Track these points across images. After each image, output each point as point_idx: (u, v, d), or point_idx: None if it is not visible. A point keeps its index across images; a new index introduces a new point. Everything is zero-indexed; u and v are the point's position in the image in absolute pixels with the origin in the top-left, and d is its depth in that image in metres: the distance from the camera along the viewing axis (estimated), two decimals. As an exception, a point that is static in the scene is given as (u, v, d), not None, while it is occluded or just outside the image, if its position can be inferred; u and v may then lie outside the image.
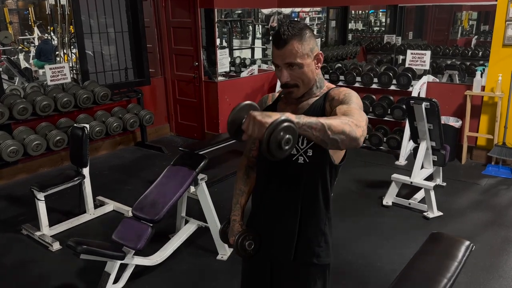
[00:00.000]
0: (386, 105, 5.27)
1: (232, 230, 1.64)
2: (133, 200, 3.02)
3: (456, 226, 3.52)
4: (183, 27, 5.67)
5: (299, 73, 1.42)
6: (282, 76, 1.42)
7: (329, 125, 1.18)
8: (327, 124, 1.18)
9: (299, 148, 1.46)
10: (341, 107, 1.35)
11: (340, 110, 1.33)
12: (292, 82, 1.43)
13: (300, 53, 1.39)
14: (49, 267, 3.04)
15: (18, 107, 4.20)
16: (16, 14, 12.17)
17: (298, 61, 1.39)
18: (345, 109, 1.32)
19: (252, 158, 1.69)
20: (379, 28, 9.52)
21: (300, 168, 1.47)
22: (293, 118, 1.16)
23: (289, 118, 1.15)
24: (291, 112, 1.49)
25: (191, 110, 5.94)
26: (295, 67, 1.41)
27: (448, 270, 2.06)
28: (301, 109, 1.49)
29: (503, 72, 4.53)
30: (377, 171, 4.60)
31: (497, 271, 2.91)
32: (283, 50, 1.39)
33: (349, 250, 3.14)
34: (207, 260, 3.08)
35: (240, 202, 1.67)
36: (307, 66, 1.42)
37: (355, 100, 1.39)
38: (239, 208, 1.66)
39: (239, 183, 1.70)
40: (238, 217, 1.64)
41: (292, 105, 1.52)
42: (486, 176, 4.51)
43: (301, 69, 1.41)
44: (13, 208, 3.92)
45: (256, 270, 1.67)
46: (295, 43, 1.38)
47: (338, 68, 5.79)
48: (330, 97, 1.46)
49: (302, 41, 1.39)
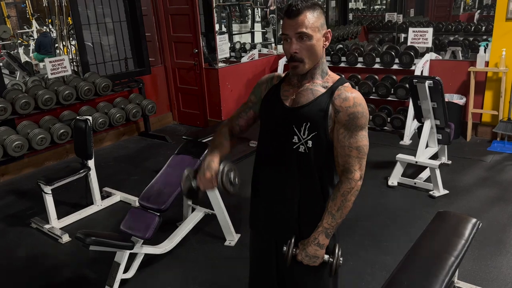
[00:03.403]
0: (389, 85, 5.22)
1: (208, 167, 1.47)
2: (139, 190, 3.04)
3: (463, 203, 3.52)
4: (181, 14, 5.61)
5: (308, 45, 1.41)
6: (291, 47, 1.41)
7: (344, 214, 1.46)
8: (343, 215, 1.46)
9: (300, 137, 1.46)
10: (341, 148, 1.44)
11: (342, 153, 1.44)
12: (300, 56, 1.42)
13: (312, 24, 1.39)
14: (59, 259, 3.08)
15: (20, 102, 4.20)
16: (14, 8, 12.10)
17: (309, 32, 1.39)
18: (345, 157, 1.44)
19: (237, 126, 1.67)
20: (380, 7, 9.41)
21: (302, 156, 1.48)
22: (327, 242, 1.48)
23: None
24: (294, 95, 1.50)
25: (193, 98, 5.92)
26: (305, 39, 1.40)
27: (455, 248, 2.07)
28: (305, 96, 1.47)
29: (507, 46, 4.46)
30: (382, 152, 4.59)
31: (505, 247, 2.91)
32: (296, 19, 1.39)
33: (355, 231, 3.16)
34: (215, 247, 3.11)
35: (220, 150, 1.57)
36: (317, 40, 1.42)
37: (359, 123, 1.42)
38: (217, 153, 1.55)
39: (220, 136, 1.64)
40: (216, 159, 1.52)
41: (295, 88, 1.52)
42: (492, 153, 4.49)
43: (311, 42, 1.40)
44: (21, 202, 3.96)
45: (263, 251, 1.69)
46: (308, 14, 1.39)
47: (339, 49, 5.73)
48: (336, 106, 1.43)
49: (314, 13, 1.40)
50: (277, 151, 1.52)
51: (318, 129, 1.45)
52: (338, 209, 1.45)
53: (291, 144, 1.47)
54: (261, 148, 1.61)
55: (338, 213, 1.45)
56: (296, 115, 1.46)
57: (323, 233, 1.47)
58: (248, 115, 1.67)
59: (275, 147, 1.53)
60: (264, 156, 1.59)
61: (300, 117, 1.45)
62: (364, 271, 2.74)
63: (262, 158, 1.60)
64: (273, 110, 1.54)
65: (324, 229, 1.47)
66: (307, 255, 1.48)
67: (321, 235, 1.47)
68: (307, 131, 1.45)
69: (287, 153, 1.49)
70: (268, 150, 1.56)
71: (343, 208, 1.45)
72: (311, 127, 1.44)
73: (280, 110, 1.51)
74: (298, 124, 1.46)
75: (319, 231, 1.47)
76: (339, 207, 1.45)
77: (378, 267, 2.77)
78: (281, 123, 1.50)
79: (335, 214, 1.45)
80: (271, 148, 1.55)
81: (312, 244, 1.48)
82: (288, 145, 1.48)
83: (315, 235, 1.48)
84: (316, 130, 1.45)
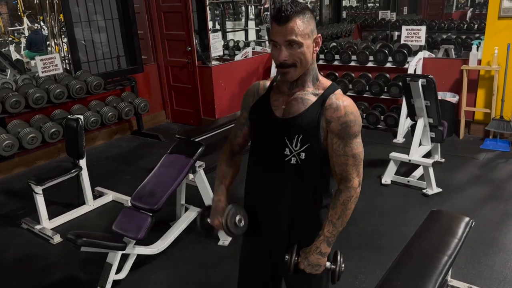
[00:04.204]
0: (383, 83, 5.23)
1: (215, 211, 1.54)
2: (132, 189, 3.01)
3: (456, 201, 3.53)
4: (174, 11, 5.57)
5: (298, 53, 1.37)
6: (281, 55, 1.37)
7: (345, 222, 1.47)
8: (344, 223, 1.46)
9: (292, 149, 1.44)
10: (337, 157, 1.44)
11: (337, 162, 1.44)
12: (290, 62, 1.38)
13: (302, 31, 1.35)
14: (51, 260, 3.05)
15: (10, 101, 4.15)
16: (5, 5, 11.95)
17: (299, 39, 1.35)
18: (341, 166, 1.44)
19: (237, 145, 1.67)
20: (373, 5, 9.42)
21: (294, 168, 1.46)
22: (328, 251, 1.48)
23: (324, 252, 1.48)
24: (284, 105, 1.47)
25: (186, 96, 5.89)
26: (295, 46, 1.36)
27: (448, 247, 2.07)
28: (295, 106, 1.44)
29: (499, 45, 4.48)
30: (375, 150, 4.59)
31: (497, 245, 2.93)
32: (285, 26, 1.34)
33: (349, 230, 3.13)
34: (209, 247, 3.09)
35: (225, 183, 1.61)
36: (307, 47, 1.38)
37: (352, 131, 1.41)
38: (223, 189, 1.59)
39: (223, 165, 1.65)
40: (223, 197, 1.57)
41: (285, 96, 1.48)
42: (484, 150, 4.51)
43: (301, 49, 1.37)
44: (12, 202, 3.92)
45: (257, 255, 1.67)
46: (298, 21, 1.35)
47: (333, 47, 5.72)
48: (328, 116, 1.41)
49: (304, 20, 1.36)
50: (268, 161, 1.50)
51: (311, 140, 1.42)
52: (338, 218, 1.45)
53: (283, 156, 1.45)
54: (253, 157, 1.58)
55: (339, 222, 1.45)
56: (288, 127, 1.44)
57: (324, 242, 1.47)
58: (243, 132, 1.64)
59: (266, 158, 1.51)
60: (256, 165, 1.56)
61: (292, 129, 1.43)
62: (358, 269, 2.74)
63: (254, 166, 1.58)
64: (263, 121, 1.51)
65: (325, 238, 1.47)
66: (309, 263, 1.48)
67: (323, 244, 1.47)
68: (299, 143, 1.43)
69: (279, 164, 1.47)
70: (260, 160, 1.54)
71: (344, 216, 1.46)
72: (304, 139, 1.42)
73: (270, 121, 1.48)
74: (290, 136, 1.43)
75: (321, 240, 1.47)
76: (340, 215, 1.45)
77: (372, 266, 2.77)
78: (272, 134, 1.47)
79: (336, 223, 1.45)
80: (262, 158, 1.53)
81: (314, 253, 1.48)
82: (279, 157, 1.46)
83: (317, 244, 1.47)
84: (309, 142, 1.42)
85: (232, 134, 1.68)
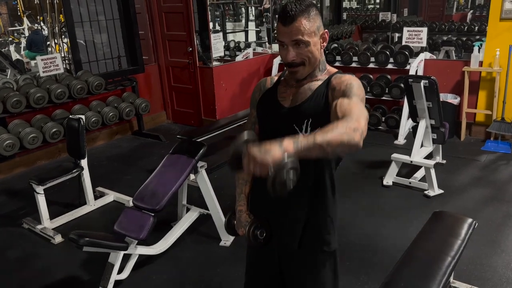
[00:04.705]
0: (384, 84, 5.23)
1: (239, 221, 1.60)
2: (133, 189, 3.01)
3: (457, 203, 3.53)
4: (175, 12, 5.56)
5: (305, 51, 1.37)
6: (288, 55, 1.38)
7: (328, 142, 1.14)
8: (325, 142, 1.13)
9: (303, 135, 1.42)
10: (341, 104, 1.31)
11: (340, 107, 1.30)
12: (298, 61, 1.38)
13: (308, 30, 1.35)
14: (52, 260, 3.04)
15: (11, 100, 4.14)
16: (5, 5, 11.93)
17: (305, 39, 1.35)
18: (345, 107, 1.29)
19: None
20: (374, 6, 9.43)
21: (305, 161, 1.43)
22: (291, 149, 1.12)
23: (289, 152, 1.11)
24: (292, 96, 1.46)
25: (187, 97, 5.88)
26: (302, 45, 1.36)
27: (452, 248, 2.07)
28: (303, 94, 1.45)
29: (501, 46, 4.48)
30: (377, 151, 4.58)
31: (500, 246, 2.92)
32: (290, 27, 1.34)
33: (351, 231, 3.15)
34: (211, 247, 3.08)
35: (244, 192, 1.63)
36: (314, 44, 1.38)
37: (357, 92, 1.35)
38: (243, 198, 1.62)
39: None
40: (244, 207, 1.61)
41: (293, 88, 1.49)
42: (486, 152, 4.50)
43: (308, 48, 1.37)
44: (13, 202, 3.91)
45: (264, 259, 1.65)
46: (303, 20, 1.34)
47: (334, 48, 5.72)
48: (332, 86, 1.41)
49: (310, 18, 1.36)
50: None
51: (321, 122, 1.36)
52: (322, 133, 1.16)
53: None
54: None
55: (321, 135, 1.15)
56: (296, 114, 1.43)
57: (293, 139, 1.15)
58: (255, 131, 1.61)
59: None
60: None
61: (300, 115, 1.42)
62: (360, 271, 2.74)
63: None
64: (271, 113, 1.51)
65: (297, 138, 1.15)
66: (259, 148, 1.13)
67: (291, 138, 1.15)
68: (309, 127, 1.41)
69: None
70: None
71: (329, 133, 1.15)
72: (313, 122, 1.40)
73: (278, 111, 1.48)
74: (299, 122, 1.42)
75: (294, 137, 1.17)
76: (325, 131, 1.16)
77: (374, 267, 2.76)
78: (281, 124, 1.46)
79: (317, 135, 1.15)
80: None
81: (273, 143, 1.15)
82: None
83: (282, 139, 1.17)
84: (320, 124, 1.35)
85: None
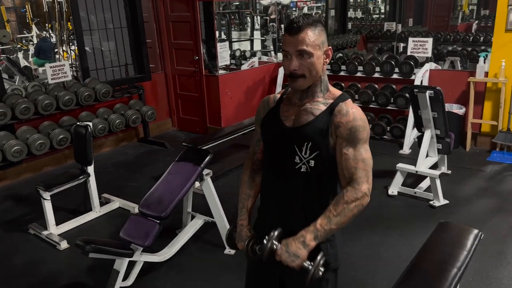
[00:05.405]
0: (389, 94, 5.24)
1: (240, 235, 1.61)
2: (139, 196, 3.02)
3: (463, 214, 3.51)
4: (182, 21, 5.62)
5: (308, 63, 1.40)
6: (291, 64, 1.41)
7: (342, 223, 1.39)
8: (340, 225, 1.39)
9: (302, 157, 1.45)
10: (347, 160, 1.42)
11: (346, 165, 1.42)
12: (300, 72, 1.42)
13: (312, 42, 1.39)
14: (57, 266, 3.05)
15: (20, 107, 4.19)
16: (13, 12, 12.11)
17: (309, 50, 1.39)
18: (351, 164, 1.41)
19: (257, 161, 1.68)
20: (379, 16, 9.47)
21: (303, 176, 1.47)
22: (313, 245, 1.39)
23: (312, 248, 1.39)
24: (294, 115, 1.50)
25: (192, 105, 5.92)
26: (306, 56, 1.40)
27: (457, 259, 2.06)
28: (305, 116, 1.46)
29: (507, 57, 4.49)
30: (381, 161, 4.58)
31: (505, 258, 2.91)
32: (296, 37, 1.38)
33: (355, 241, 3.14)
34: (215, 255, 3.08)
35: (247, 206, 1.64)
36: (317, 58, 1.41)
37: (361, 135, 1.42)
38: (245, 213, 1.63)
39: (244, 186, 1.67)
40: (245, 222, 1.62)
41: (295, 107, 1.51)
42: (491, 163, 4.49)
43: (311, 59, 1.40)
44: (19, 208, 3.93)
45: (263, 274, 1.66)
46: (309, 32, 1.39)
47: (339, 58, 5.75)
48: (336, 122, 1.43)
49: (315, 31, 1.40)
50: (279, 170, 1.52)
51: (320, 147, 1.44)
52: (336, 215, 1.38)
53: (293, 164, 1.47)
54: (266, 167, 1.61)
55: (335, 220, 1.38)
56: (297, 135, 1.46)
57: (312, 233, 1.39)
58: (260, 148, 1.65)
59: (278, 167, 1.52)
60: (269, 174, 1.59)
61: (301, 137, 1.45)
62: (365, 281, 2.73)
63: (267, 174, 1.60)
64: (273, 131, 1.54)
65: (315, 229, 1.39)
66: (287, 251, 1.39)
67: (309, 234, 1.39)
68: (308, 151, 1.44)
69: (289, 173, 1.48)
70: (271, 169, 1.56)
71: (343, 216, 1.38)
72: (313, 146, 1.44)
73: (280, 130, 1.51)
74: (300, 143, 1.45)
75: (309, 229, 1.40)
76: (339, 213, 1.38)
77: (379, 277, 2.76)
78: (282, 143, 1.49)
79: (332, 219, 1.39)
80: (273, 167, 1.55)
81: (297, 241, 1.39)
82: (290, 165, 1.47)
83: (303, 233, 1.40)
84: (318, 149, 1.44)
85: (251, 151, 1.71)
